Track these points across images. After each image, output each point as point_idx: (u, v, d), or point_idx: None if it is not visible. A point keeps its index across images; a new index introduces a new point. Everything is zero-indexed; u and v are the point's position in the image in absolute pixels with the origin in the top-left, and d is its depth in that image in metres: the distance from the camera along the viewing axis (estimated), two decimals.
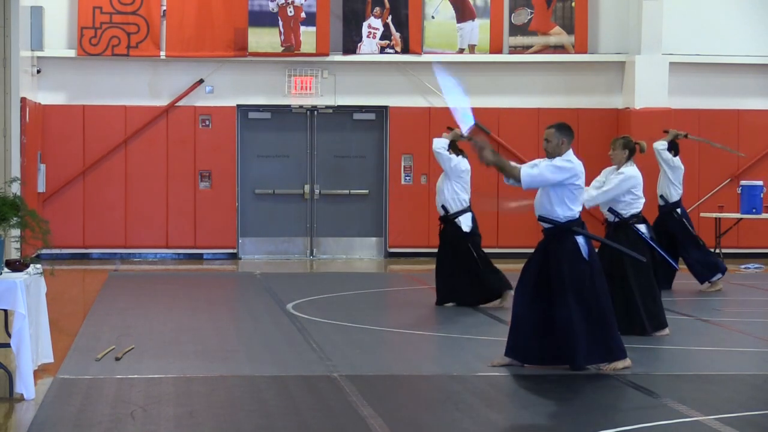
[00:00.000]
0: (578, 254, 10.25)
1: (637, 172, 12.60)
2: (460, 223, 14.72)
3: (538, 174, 10.17)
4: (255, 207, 22.62)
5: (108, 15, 21.81)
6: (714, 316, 14.44)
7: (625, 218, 12.55)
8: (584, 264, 10.26)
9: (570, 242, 10.26)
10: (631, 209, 12.56)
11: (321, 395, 9.37)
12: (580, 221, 10.39)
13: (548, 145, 10.36)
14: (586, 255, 10.27)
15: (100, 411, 8.69)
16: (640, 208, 12.61)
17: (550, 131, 10.39)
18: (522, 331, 10.39)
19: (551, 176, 10.17)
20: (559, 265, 10.26)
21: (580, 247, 10.26)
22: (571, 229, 10.27)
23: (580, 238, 10.29)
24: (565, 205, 10.27)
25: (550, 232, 10.37)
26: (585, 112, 22.73)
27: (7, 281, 9.03)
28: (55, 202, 21.81)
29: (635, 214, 12.58)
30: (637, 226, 12.57)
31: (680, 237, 16.80)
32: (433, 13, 22.56)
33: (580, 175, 10.28)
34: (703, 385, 9.92)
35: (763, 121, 23.05)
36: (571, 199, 10.28)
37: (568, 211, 10.29)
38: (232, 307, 15.88)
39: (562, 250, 10.27)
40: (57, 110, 21.88)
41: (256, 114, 22.59)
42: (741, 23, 23.00)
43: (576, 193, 10.30)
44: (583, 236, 10.31)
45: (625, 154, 12.62)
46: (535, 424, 8.51)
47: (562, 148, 10.33)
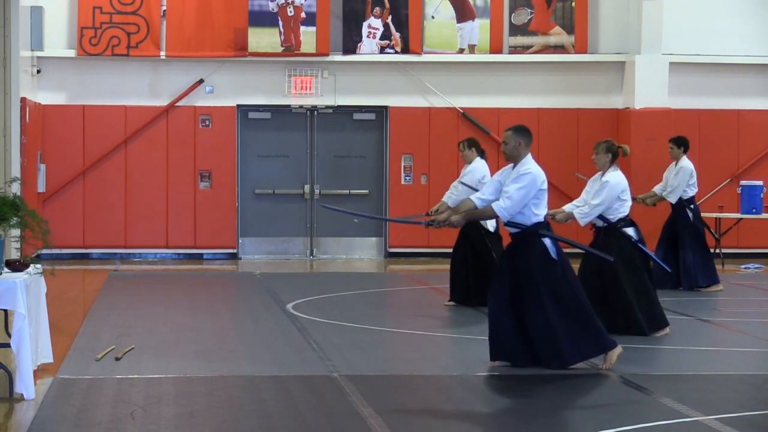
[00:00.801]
0: (547, 256, 10.34)
1: (622, 178, 12.59)
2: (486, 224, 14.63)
3: (511, 205, 10.29)
4: (255, 207, 22.62)
5: (108, 15, 21.81)
6: (714, 316, 14.44)
7: (613, 223, 12.56)
8: (554, 264, 10.34)
9: (538, 245, 10.36)
10: (619, 213, 12.57)
11: (321, 395, 9.37)
12: (546, 223, 10.51)
13: (506, 147, 10.54)
14: (554, 255, 10.35)
15: (100, 411, 8.69)
16: (627, 211, 12.62)
17: (508, 133, 10.59)
18: (502, 335, 10.43)
19: (525, 198, 10.32)
20: (529, 268, 10.33)
21: (548, 249, 10.35)
22: (537, 232, 10.34)
23: (546, 240, 10.37)
24: (531, 211, 10.38)
25: (518, 236, 10.46)
26: (585, 112, 22.73)
27: (7, 281, 9.03)
28: (55, 202, 21.81)
29: (623, 218, 12.59)
30: (626, 230, 12.56)
31: (685, 236, 16.75)
32: (433, 13, 22.56)
33: (541, 182, 10.39)
34: (703, 385, 9.92)
35: (763, 121, 23.05)
36: (536, 204, 10.39)
37: (534, 216, 10.39)
38: (232, 307, 15.88)
39: (531, 254, 10.34)
40: (57, 110, 21.88)
41: (256, 114, 22.59)
42: (741, 23, 23.00)
43: (540, 198, 10.41)
44: (550, 238, 10.37)
45: (608, 158, 12.61)
46: (534, 424, 8.51)
47: (521, 150, 10.53)
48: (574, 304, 10.34)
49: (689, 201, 16.83)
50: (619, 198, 12.51)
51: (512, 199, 10.28)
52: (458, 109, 22.53)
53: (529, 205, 10.34)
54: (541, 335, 10.30)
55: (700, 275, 16.75)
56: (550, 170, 21.79)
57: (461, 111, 22.49)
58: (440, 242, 22.21)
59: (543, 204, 10.44)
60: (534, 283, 10.29)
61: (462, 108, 22.52)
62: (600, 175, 12.69)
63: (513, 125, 10.81)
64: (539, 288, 10.27)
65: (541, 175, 10.43)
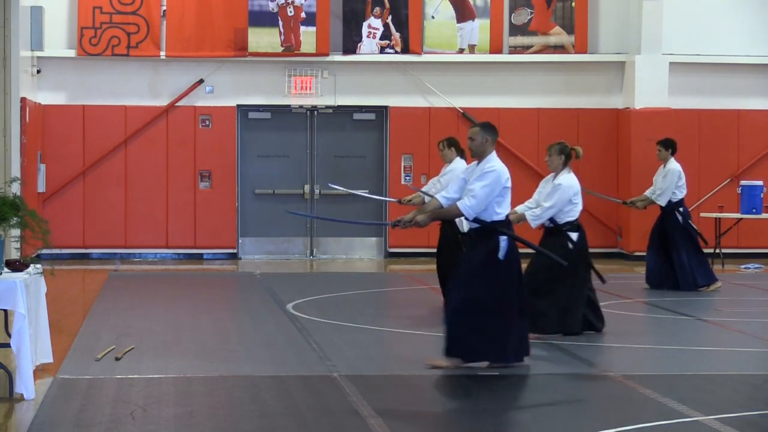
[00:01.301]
0: (495, 254, 10.34)
1: (574, 180, 12.59)
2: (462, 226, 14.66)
3: (476, 203, 10.29)
4: (255, 207, 22.62)
5: (108, 15, 21.80)
6: (714, 316, 14.44)
7: (559, 225, 12.55)
8: (498, 265, 10.33)
9: (492, 241, 10.37)
10: (567, 216, 12.57)
11: (321, 395, 9.37)
12: (507, 222, 10.51)
13: (472, 144, 10.52)
14: (502, 256, 10.34)
15: (100, 411, 8.70)
16: (575, 215, 12.59)
17: (475, 129, 10.56)
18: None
19: (489, 196, 10.32)
20: (475, 259, 10.37)
21: (499, 249, 10.34)
22: (496, 230, 10.36)
23: (502, 240, 10.37)
24: (493, 209, 10.40)
25: (477, 232, 10.47)
26: (585, 112, 22.73)
27: (7, 281, 9.03)
28: (55, 202, 21.80)
29: (570, 222, 12.57)
30: (569, 233, 12.53)
31: (676, 237, 16.76)
32: (433, 13, 22.56)
33: (505, 180, 10.39)
34: (703, 385, 9.92)
35: (763, 121, 23.05)
36: (498, 202, 10.41)
37: (495, 214, 10.41)
38: (232, 307, 15.88)
39: (483, 247, 10.37)
40: (57, 110, 21.88)
41: (256, 114, 22.58)
42: (741, 23, 22.99)
43: (504, 195, 10.43)
44: (507, 237, 10.38)
45: (561, 160, 12.62)
46: (535, 424, 8.51)
47: (487, 147, 10.50)
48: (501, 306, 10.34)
49: (678, 203, 16.82)
50: (570, 201, 12.51)
51: (477, 197, 10.29)
52: (458, 109, 22.53)
53: (492, 202, 10.36)
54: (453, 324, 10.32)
55: (699, 275, 16.75)
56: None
57: (461, 111, 22.49)
58: None
59: (506, 202, 10.47)
60: (470, 273, 10.31)
61: (462, 108, 22.52)
62: (552, 176, 12.68)
63: (479, 122, 10.83)
64: (473, 279, 10.29)
65: (505, 173, 10.43)
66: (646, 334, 13.18)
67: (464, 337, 10.32)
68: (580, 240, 12.58)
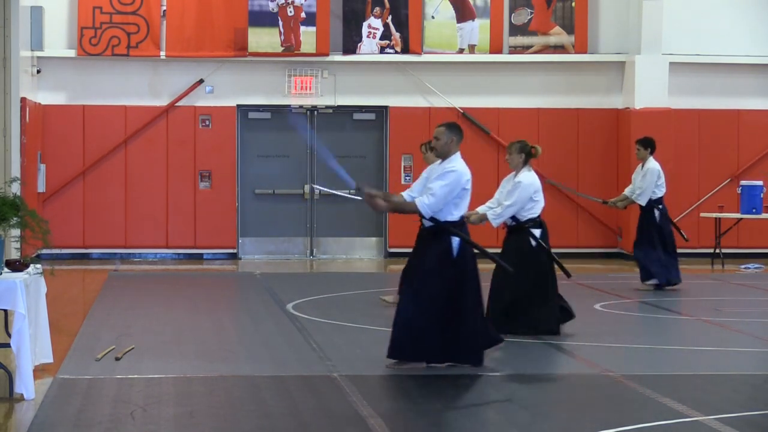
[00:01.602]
0: (448, 255, 10.33)
1: (535, 178, 12.59)
2: None
3: (434, 202, 10.28)
4: (255, 207, 22.62)
5: (108, 15, 21.81)
6: (714, 316, 14.44)
7: (522, 222, 12.56)
8: (452, 265, 10.31)
9: (445, 241, 10.35)
10: (529, 214, 12.57)
11: (321, 395, 9.37)
12: (461, 223, 10.48)
13: (438, 143, 10.51)
14: (455, 256, 10.34)
15: (100, 411, 8.69)
16: (537, 212, 12.59)
17: (441, 129, 10.55)
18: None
19: (448, 196, 10.31)
20: (428, 260, 10.35)
21: (452, 249, 10.33)
22: (448, 230, 10.35)
23: (455, 240, 10.35)
24: (449, 209, 10.37)
25: (429, 231, 10.45)
26: (585, 112, 22.72)
27: (7, 281, 9.03)
28: (55, 202, 21.80)
29: (532, 218, 12.58)
30: (532, 230, 12.55)
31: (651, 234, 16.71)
32: (433, 13, 22.56)
33: (465, 181, 10.38)
34: (703, 385, 9.92)
35: (763, 121, 23.05)
36: (455, 203, 10.40)
37: (449, 215, 10.39)
38: (232, 307, 15.88)
39: (434, 249, 10.35)
40: (57, 110, 21.88)
41: (256, 114, 22.59)
42: (741, 23, 22.99)
43: (462, 197, 10.42)
44: (460, 238, 10.36)
45: (521, 158, 12.63)
46: (535, 424, 8.51)
47: (451, 147, 10.49)
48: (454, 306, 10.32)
49: (657, 201, 16.80)
50: (531, 199, 12.51)
51: (435, 195, 10.29)
52: (458, 109, 22.53)
53: (450, 203, 10.35)
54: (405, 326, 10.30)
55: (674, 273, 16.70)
56: (549, 170, 21.85)
57: (461, 111, 22.49)
58: None
59: (463, 204, 10.45)
60: (423, 277, 10.29)
61: (462, 108, 22.51)
62: (513, 175, 12.69)
63: (445, 122, 10.81)
64: (424, 283, 10.27)
65: (466, 174, 10.42)
66: (647, 334, 13.18)
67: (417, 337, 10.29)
68: (543, 236, 12.60)
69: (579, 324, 13.97)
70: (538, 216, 12.61)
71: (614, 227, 22.73)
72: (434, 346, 10.33)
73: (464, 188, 10.37)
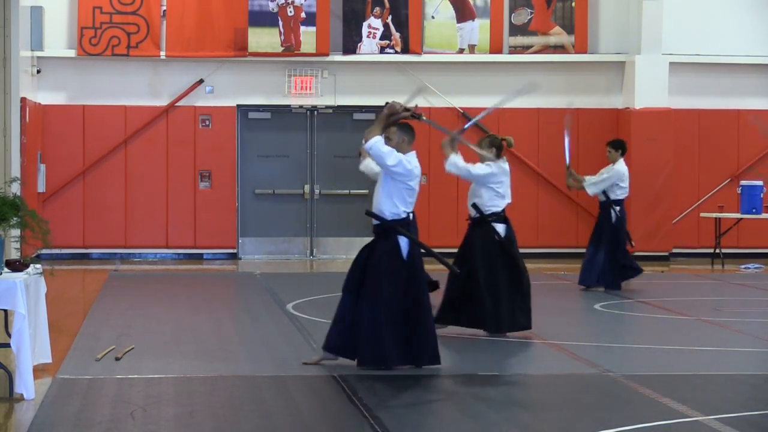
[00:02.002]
0: (398, 254, 10.36)
1: (500, 168, 12.55)
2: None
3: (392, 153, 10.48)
4: (255, 207, 22.62)
5: (108, 15, 21.81)
6: (714, 316, 14.44)
7: (485, 216, 12.53)
8: (401, 263, 10.34)
9: (392, 241, 10.39)
10: (492, 207, 12.51)
11: (321, 395, 9.37)
12: (407, 221, 10.50)
13: (390, 143, 10.62)
14: (405, 255, 10.36)
15: (100, 411, 8.69)
16: (501, 207, 12.55)
17: (393, 129, 10.68)
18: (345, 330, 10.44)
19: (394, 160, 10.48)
20: (378, 260, 10.36)
21: (400, 248, 10.37)
22: (395, 229, 10.37)
23: (402, 239, 10.37)
24: (394, 203, 10.44)
25: (378, 229, 10.48)
26: (585, 112, 22.72)
27: (7, 281, 9.03)
28: (55, 202, 21.81)
29: (495, 213, 12.53)
30: (495, 225, 12.52)
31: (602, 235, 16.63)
32: (433, 13, 22.56)
33: (415, 179, 10.57)
34: (703, 385, 9.92)
35: (763, 121, 23.04)
36: (400, 198, 10.47)
37: (394, 208, 10.44)
38: (232, 307, 15.88)
39: (384, 247, 10.38)
40: (57, 110, 21.88)
41: (256, 114, 22.58)
42: (741, 23, 23.00)
43: (406, 194, 10.50)
44: (406, 237, 10.38)
45: (492, 152, 12.62)
46: (535, 424, 8.51)
47: (403, 147, 10.67)
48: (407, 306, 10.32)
49: (616, 202, 16.73)
50: (491, 188, 12.49)
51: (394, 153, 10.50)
52: (458, 109, 22.53)
53: (394, 197, 10.44)
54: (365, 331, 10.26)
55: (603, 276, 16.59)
56: (549, 170, 21.75)
57: (461, 111, 22.49)
58: (440, 242, 22.18)
59: (407, 202, 10.50)
60: (376, 278, 10.30)
61: (462, 108, 22.51)
62: None
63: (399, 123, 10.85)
64: (380, 283, 10.28)
65: (417, 174, 10.61)
66: (647, 334, 13.18)
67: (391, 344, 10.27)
68: (508, 233, 12.54)
69: (579, 324, 13.98)
70: (501, 211, 12.55)
71: None
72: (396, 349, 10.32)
73: (408, 184, 10.52)
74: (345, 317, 10.43)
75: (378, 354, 10.28)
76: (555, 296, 16.27)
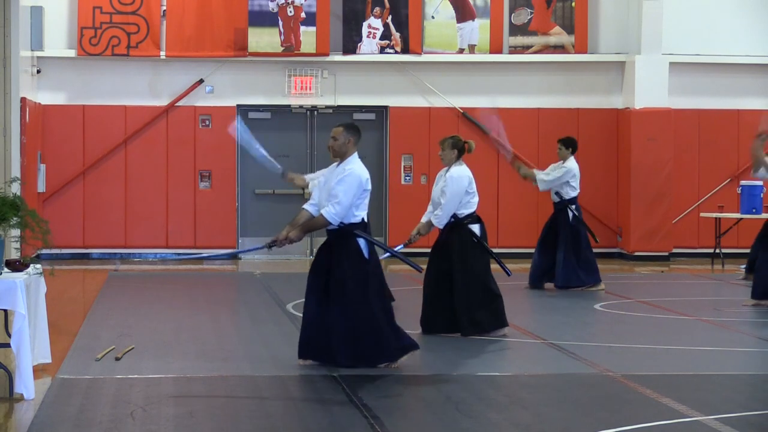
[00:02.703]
0: (360, 255, 10.37)
1: (465, 172, 12.51)
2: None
3: (341, 210, 10.26)
4: (255, 207, 22.62)
5: (108, 15, 21.81)
6: (714, 316, 14.44)
7: (460, 218, 12.48)
8: (366, 264, 10.37)
9: (353, 245, 10.37)
10: (466, 209, 12.46)
11: (321, 395, 9.37)
12: (363, 224, 10.48)
13: (335, 143, 10.47)
14: (367, 255, 10.40)
15: (100, 411, 8.69)
16: (474, 207, 12.52)
17: (338, 129, 10.52)
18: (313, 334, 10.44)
19: (352, 200, 10.26)
20: (341, 264, 10.36)
21: (362, 249, 10.37)
22: (353, 232, 10.35)
23: (361, 241, 10.39)
24: (351, 212, 10.35)
25: (334, 234, 10.46)
26: (585, 112, 22.72)
27: (7, 281, 9.03)
28: (55, 202, 21.81)
29: (470, 214, 12.50)
30: (471, 227, 12.49)
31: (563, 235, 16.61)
32: (433, 13, 22.56)
33: (365, 181, 10.34)
34: (703, 385, 9.92)
35: None
36: (357, 205, 10.36)
37: (353, 217, 10.37)
38: (232, 307, 15.87)
39: (346, 251, 10.36)
40: (57, 110, 21.88)
41: (256, 114, 22.59)
42: (741, 23, 23.00)
43: (362, 198, 10.38)
44: (365, 239, 10.39)
45: (454, 154, 12.57)
46: (535, 424, 8.51)
47: (349, 148, 10.46)
48: (380, 305, 10.38)
49: (571, 201, 16.71)
50: (466, 191, 12.42)
51: (341, 203, 10.26)
52: (458, 109, 22.53)
53: (352, 209, 10.35)
54: (344, 333, 10.29)
55: (578, 275, 16.59)
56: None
57: (461, 111, 22.49)
58: None
59: (363, 205, 10.44)
60: (342, 282, 10.31)
61: (462, 108, 22.52)
62: (445, 170, 12.62)
63: (344, 122, 10.79)
64: (347, 287, 10.29)
65: (365, 174, 10.40)
66: (647, 334, 13.17)
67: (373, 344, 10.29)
68: (482, 233, 12.54)
69: (579, 324, 13.98)
70: (474, 211, 12.52)
71: (614, 227, 22.73)
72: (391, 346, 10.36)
73: (365, 189, 10.38)
74: (314, 321, 10.42)
75: (362, 355, 10.31)
76: (555, 296, 16.27)
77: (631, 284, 17.51)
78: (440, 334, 12.42)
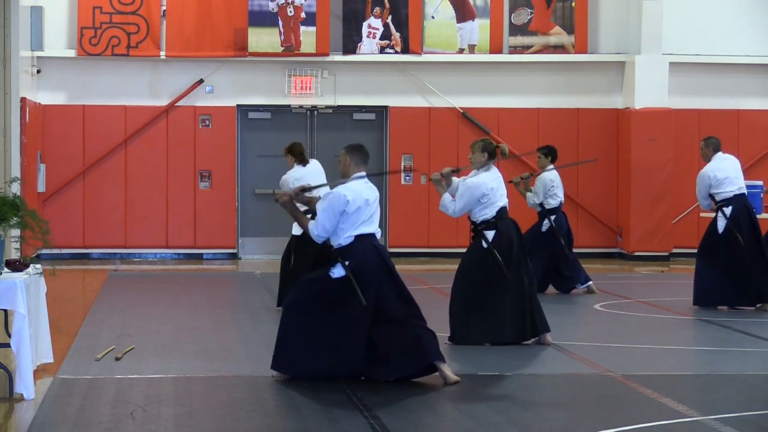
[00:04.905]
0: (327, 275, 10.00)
1: (486, 179, 12.08)
2: None
3: (320, 228, 9.97)
4: (255, 207, 22.62)
5: (108, 15, 21.81)
6: (714, 316, 14.44)
7: (477, 224, 12.18)
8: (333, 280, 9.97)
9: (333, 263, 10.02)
10: (482, 216, 12.12)
11: (321, 395, 9.37)
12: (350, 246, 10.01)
13: (340, 166, 10.23)
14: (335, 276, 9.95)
15: (100, 411, 8.70)
16: (491, 214, 12.09)
17: (342, 152, 10.20)
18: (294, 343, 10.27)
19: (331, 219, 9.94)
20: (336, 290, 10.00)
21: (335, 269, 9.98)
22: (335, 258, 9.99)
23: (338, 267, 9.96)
24: (338, 234, 10.00)
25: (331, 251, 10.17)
26: (585, 112, 22.73)
27: (7, 281, 9.03)
28: (55, 202, 21.81)
29: (486, 221, 12.13)
30: (486, 233, 12.15)
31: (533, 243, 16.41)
32: (433, 13, 22.56)
33: (344, 204, 9.91)
34: (703, 385, 9.93)
35: (763, 121, 23.05)
36: (342, 228, 9.99)
37: (339, 239, 10.02)
38: (232, 307, 15.87)
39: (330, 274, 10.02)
40: (57, 110, 21.88)
41: (256, 114, 22.59)
42: (741, 23, 23.00)
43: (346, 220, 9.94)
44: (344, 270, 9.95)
45: (483, 157, 12.15)
46: (535, 424, 8.51)
47: (349, 169, 10.11)
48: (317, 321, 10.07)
49: (550, 211, 16.58)
50: (479, 201, 12.03)
51: (318, 221, 9.97)
52: (458, 109, 22.53)
53: (337, 228, 9.97)
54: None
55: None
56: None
57: (461, 111, 22.49)
58: (440, 242, 22.21)
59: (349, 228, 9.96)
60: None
61: (462, 108, 22.52)
62: (473, 173, 12.24)
63: (349, 144, 10.37)
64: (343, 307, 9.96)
65: (350, 194, 9.89)
66: (647, 334, 13.17)
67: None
68: (496, 239, 12.10)
69: (579, 324, 13.98)
70: (492, 218, 12.13)
71: (614, 227, 22.73)
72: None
73: (345, 210, 9.91)
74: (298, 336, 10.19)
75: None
76: (555, 296, 16.27)
77: (631, 284, 17.52)
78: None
